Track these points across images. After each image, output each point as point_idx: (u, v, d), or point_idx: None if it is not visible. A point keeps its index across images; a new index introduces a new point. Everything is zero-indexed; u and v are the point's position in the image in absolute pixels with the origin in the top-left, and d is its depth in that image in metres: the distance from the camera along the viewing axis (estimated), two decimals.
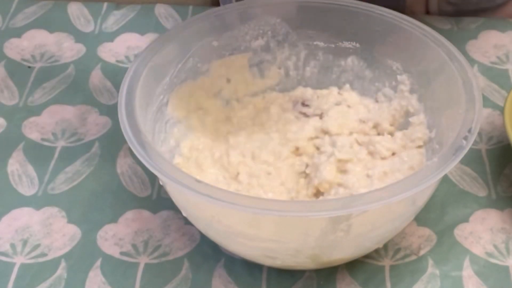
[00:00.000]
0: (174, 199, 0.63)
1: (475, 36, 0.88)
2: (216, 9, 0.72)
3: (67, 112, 0.81)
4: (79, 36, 0.90)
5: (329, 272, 0.65)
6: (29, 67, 0.87)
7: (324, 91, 0.74)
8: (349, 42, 0.73)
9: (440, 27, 0.89)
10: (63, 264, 0.67)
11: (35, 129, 0.79)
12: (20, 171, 0.75)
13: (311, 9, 0.72)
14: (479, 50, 0.87)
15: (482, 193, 0.71)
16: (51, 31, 0.91)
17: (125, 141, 0.76)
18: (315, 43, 0.74)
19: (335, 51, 0.73)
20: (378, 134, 0.70)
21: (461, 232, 0.68)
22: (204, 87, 0.72)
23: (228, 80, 0.74)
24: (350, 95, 0.73)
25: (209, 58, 0.72)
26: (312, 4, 0.72)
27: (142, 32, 0.91)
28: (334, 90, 0.74)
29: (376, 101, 0.73)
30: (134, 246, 0.68)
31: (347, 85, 0.74)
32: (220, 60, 0.73)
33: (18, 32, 0.91)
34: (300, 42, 0.74)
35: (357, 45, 0.73)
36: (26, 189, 0.73)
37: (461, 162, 0.74)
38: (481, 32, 0.89)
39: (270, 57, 0.74)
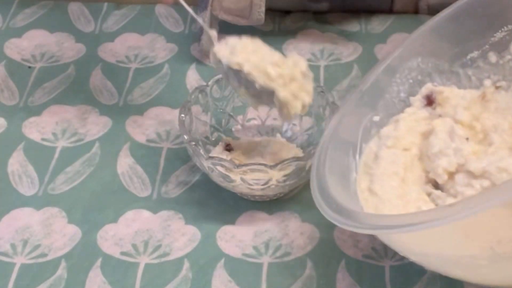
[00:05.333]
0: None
1: None
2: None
3: (67, 112, 0.81)
4: (79, 36, 0.90)
5: (329, 272, 0.66)
6: (29, 67, 0.87)
7: None
8: None
9: None
10: (63, 264, 0.67)
11: (35, 129, 0.79)
12: (21, 171, 0.75)
13: None
14: None
15: None
16: (51, 31, 0.91)
17: (125, 141, 0.77)
18: None
19: None
20: None
21: None
22: None
23: None
24: None
25: None
26: None
27: (142, 32, 0.91)
28: None
29: None
30: (134, 246, 0.68)
31: None
32: None
33: (18, 32, 0.91)
34: None
35: None
36: (27, 189, 0.73)
37: None
38: None
39: None
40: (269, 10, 0.86)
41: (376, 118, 0.67)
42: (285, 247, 0.68)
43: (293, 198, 0.72)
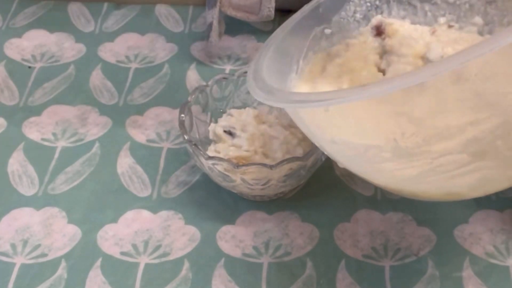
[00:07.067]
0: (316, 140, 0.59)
1: None
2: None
3: (67, 112, 0.81)
4: (79, 36, 0.90)
5: (329, 272, 0.66)
6: (29, 67, 0.87)
7: None
8: None
9: None
10: (63, 264, 0.67)
11: (35, 129, 0.79)
12: (21, 171, 0.75)
13: None
14: None
15: None
16: (51, 31, 0.91)
17: (125, 141, 0.77)
18: None
19: None
20: None
21: (461, 233, 0.68)
22: None
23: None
24: None
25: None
26: None
27: (142, 32, 0.91)
28: None
29: None
30: (134, 246, 0.68)
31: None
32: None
33: (18, 32, 0.91)
34: None
35: None
36: (27, 189, 0.73)
37: None
38: None
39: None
40: None
41: (328, 31, 0.68)
42: (285, 247, 0.68)
43: (293, 198, 0.72)
